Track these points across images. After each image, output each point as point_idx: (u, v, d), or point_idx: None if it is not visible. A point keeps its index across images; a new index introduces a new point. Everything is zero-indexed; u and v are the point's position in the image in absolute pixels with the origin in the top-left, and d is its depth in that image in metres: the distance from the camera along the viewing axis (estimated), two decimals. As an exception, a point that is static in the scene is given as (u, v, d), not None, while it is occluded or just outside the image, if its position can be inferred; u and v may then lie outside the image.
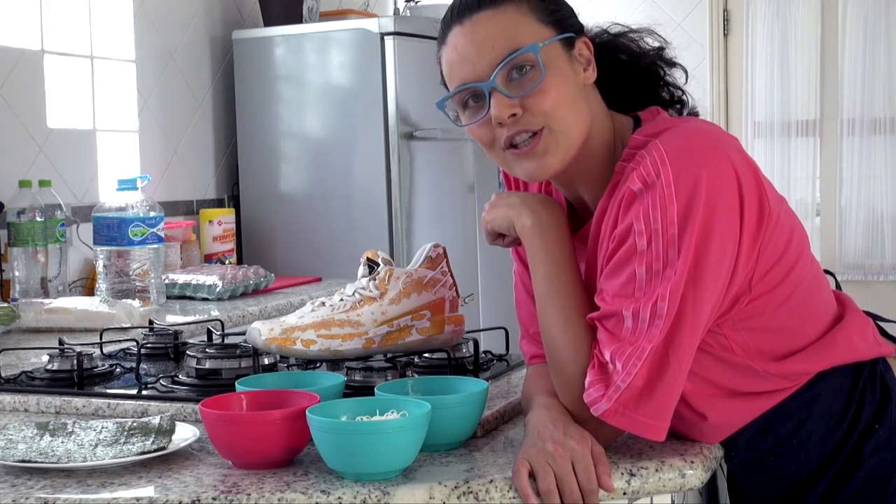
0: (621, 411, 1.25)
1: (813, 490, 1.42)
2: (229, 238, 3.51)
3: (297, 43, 3.60)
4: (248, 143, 3.69)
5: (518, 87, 1.34)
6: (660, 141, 1.30)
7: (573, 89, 1.37)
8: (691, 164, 1.26)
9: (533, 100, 1.33)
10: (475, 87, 1.35)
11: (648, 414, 1.26)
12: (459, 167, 3.76)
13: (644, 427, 1.26)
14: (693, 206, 1.25)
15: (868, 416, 1.41)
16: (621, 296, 1.28)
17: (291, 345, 1.60)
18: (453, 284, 1.70)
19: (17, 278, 2.76)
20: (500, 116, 1.34)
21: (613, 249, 1.31)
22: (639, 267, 1.27)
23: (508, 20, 1.35)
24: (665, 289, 1.25)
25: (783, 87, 4.69)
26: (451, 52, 1.38)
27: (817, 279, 1.43)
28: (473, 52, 1.35)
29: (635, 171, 1.29)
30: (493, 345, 1.94)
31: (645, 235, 1.27)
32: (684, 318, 1.26)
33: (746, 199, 1.28)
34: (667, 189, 1.26)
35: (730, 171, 1.27)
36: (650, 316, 1.25)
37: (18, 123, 2.99)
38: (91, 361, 1.78)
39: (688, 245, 1.25)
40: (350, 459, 1.22)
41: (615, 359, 1.26)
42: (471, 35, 1.36)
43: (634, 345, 1.26)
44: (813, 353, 1.39)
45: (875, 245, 4.64)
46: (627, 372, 1.25)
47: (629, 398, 1.25)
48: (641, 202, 1.27)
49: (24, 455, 1.31)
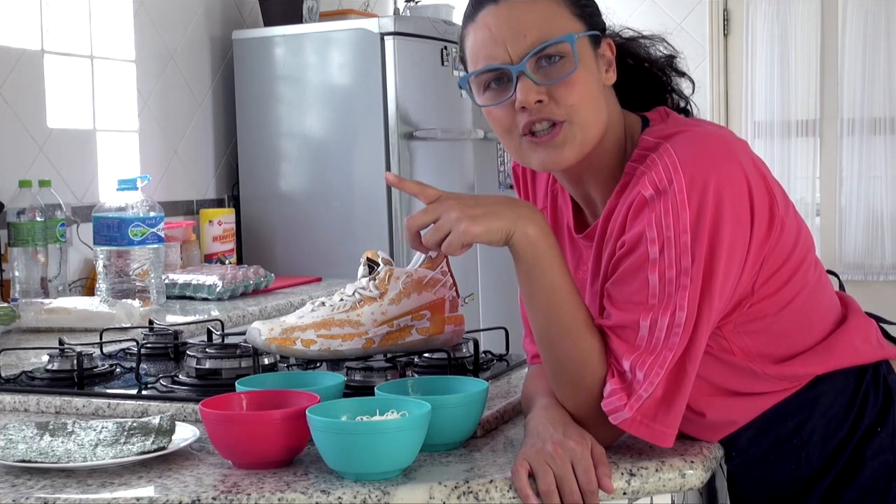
0: (641, 420, 1.25)
1: (813, 491, 1.41)
2: (229, 238, 3.51)
3: (297, 43, 3.60)
4: (248, 143, 3.69)
5: (547, 76, 1.33)
6: (671, 145, 1.29)
7: (597, 86, 1.36)
8: (703, 170, 1.26)
9: (561, 90, 1.32)
10: (504, 69, 1.33)
11: (665, 423, 1.26)
12: (459, 167, 3.76)
13: (660, 435, 1.27)
14: (704, 213, 1.24)
15: (870, 419, 1.40)
16: (634, 303, 1.27)
17: (291, 345, 1.60)
18: (453, 284, 1.70)
19: (17, 278, 2.76)
20: (526, 101, 1.32)
21: (623, 255, 1.30)
22: (651, 274, 1.26)
23: (545, 7, 1.34)
24: (682, 298, 1.25)
25: (783, 87, 4.69)
26: (483, 31, 1.35)
27: (821, 282, 1.43)
28: (507, 33, 1.33)
29: (646, 175, 1.29)
30: (493, 345, 1.94)
31: (657, 243, 1.26)
32: (700, 326, 1.26)
33: (757, 207, 1.28)
34: (679, 196, 1.25)
35: (741, 178, 1.27)
36: (668, 325, 1.25)
37: (18, 123, 2.98)
38: (91, 361, 1.78)
39: (700, 253, 1.25)
40: (350, 459, 1.22)
41: (636, 368, 1.25)
42: (506, 17, 1.34)
43: (655, 354, 1.25)
44: (815, 356, 1.38)
45: (875, 245, 4.63)
46: (650, 381, 1.24)
47: (650, 408, 1.25)
48: (653, 209, 1.27)
49: (24, 455, 1.31)
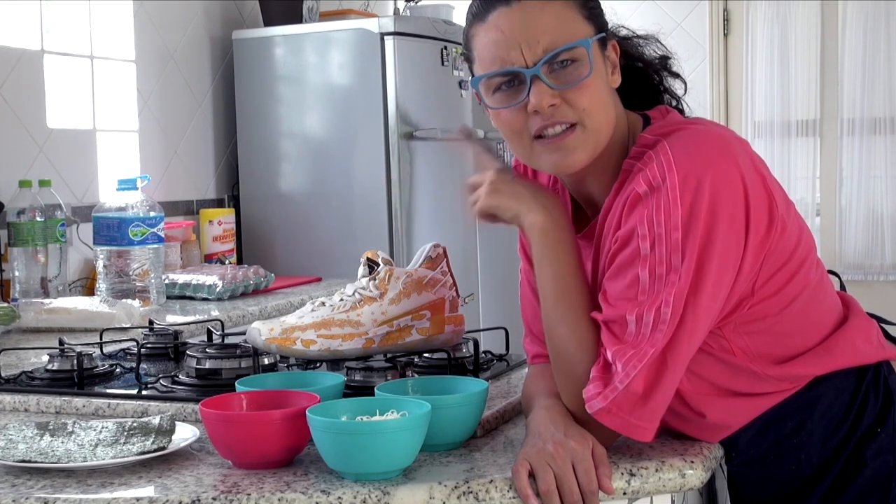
0: (614, 411, 1.25)
1: (813, 492, 1.41)
2: (229, 238, 3.51)
3: (297, 43, 3.60)
4: (248, 143, 3.69)
5: (560, 80, 1.32)
6: (668, 143, 1.29)
7: (606, 89, 1.36)
8: (697, 168, 1.26)
9: (574, 94, 1.32)
10: (517, 72, 1.33)
11: (641, 416, 1.26)
12: (459, 167, 3.75)
13: (634, 429, 1.26)
14: (697, 211, 1.24)
15: (870, 419, 1.40)
16: (624, 299, 1.28)
17: (291, 345, 1.60)
18: (453, 284, 1.70)
19: (17, 278, 2.76)
20: (539, 105, 1.32)
21: (616, 251, 1.31)
22: (642, 271, 1.27)
23: (559, 10, 1.33)
24: (669, 294, 1.25)
25: (783, 87, 4.69)
26: (494, 33, 1.34)
27: (822, 283, 1.43)
28: (521, 37, 1.32)
29: (641, 173, 1.29)
30: (493, 345, 1.94)
31: (648, 239, 1.26)
32: (685, 324, 1.26)
33: (753, 207, 1.28)
34: (671, 193, 1.25)
35: (736, 177, 1.27)
36: (653, 321, 1.25)
37: (18, 123, 2.98)
38: (91, 361, 1.78)
39: (691, 251, 1.25)
40: (350, 459, 1.22)
41: (616, 359, 1.26)
42: (519, 19, 1.33)
43: (636, 348, 1.25)
44: (816, 357, 1.38)
45: (875, 245, 4.63)
46: (626, 373, 1.25)
47: (624, 399, 1.25)
48: (646, 205, 1.27)
49: (24, 455, 1.31)
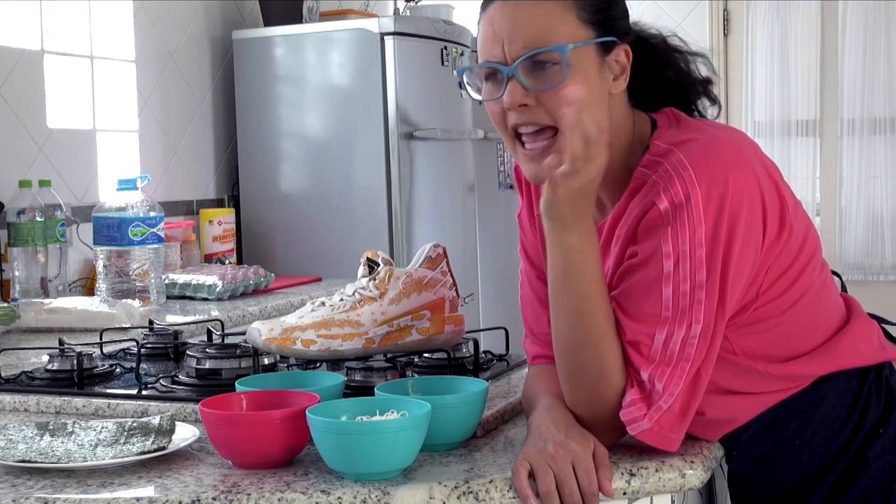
0: (658, 430, 1.26)
1: (815, 493, 1.41)
2: (229, 238, 3.51)
3: (297, 43, 3.59)
4: (248, 143, 3.69)
5: (538, 81, 1.32)
6: (686, 156, 1.28)
7: (596, 95, 1.33)
8: (719, 183, 1.26)
9: (549, 97, 1.32)
10: (497, 67, 1.34)
11: (678, 431, 1.27)
12: (459, 167, 3.76)
13: (671, 443, 1.27)
14: (720, 227, 1.25)
15: (872, 420, 1.40)
16: (648, 315, 1.28)
17: (291, 345, 1.60)
18: (453, 284, 1.70)
19: (17, 278, 2.76)
20: (510, 103, 1.33)
21: (635, 266, 1.30)
22: (665, 287, 1.27)
23: (549, 11, 1.32)
24: (698, 311, 1.25)
25: (783, 87, 4.69)
26: (487, 26, 1.36)
27: (825, 284, 1.43)
28: (506, 33, 1.33)
29: (661, 187, 1.28)
30: (493, 345, 1.94)
31: (672, 257, 1.26)
32: (716, 336, 1.27)
33: (769, 215, 1.29)
34: (695, 211, 1.25)
35: (755, 187, 1.28)
36: (684, 337, 1.25)
37: (18, 123, 2.98)
38: (91, 361, 1.78)
39: (715, 266, 1.25)
40: (350, 459, 1.22)
41: (654, 380, 1.26)
42: (509, 15, 1.33)
43: (672, 366, 1.26)
44: (817, 357, 1.39)
45: (875, 245, 4.63)
46: (670, 393, 1.25)
47: (667, 418, 1.26)
48: (669, 223, 1.27)
49: (24, 455, 1.31)
